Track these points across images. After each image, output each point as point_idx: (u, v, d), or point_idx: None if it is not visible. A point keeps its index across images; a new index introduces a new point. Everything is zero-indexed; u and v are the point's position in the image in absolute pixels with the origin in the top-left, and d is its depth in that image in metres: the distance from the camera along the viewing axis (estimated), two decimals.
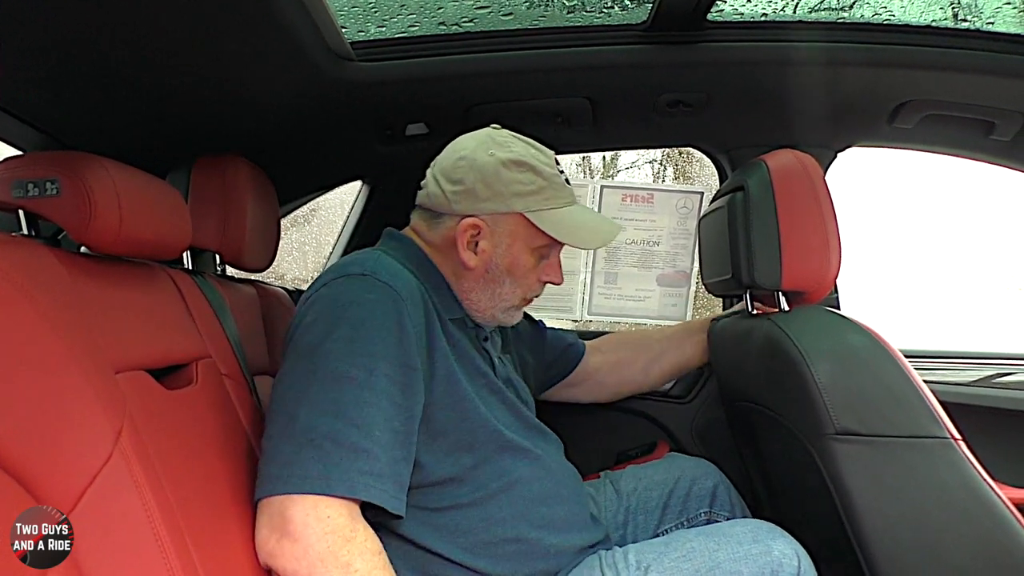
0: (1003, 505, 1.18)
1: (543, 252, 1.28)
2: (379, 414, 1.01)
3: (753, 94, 1.75)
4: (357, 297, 1.07)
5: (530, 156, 1.24)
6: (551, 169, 1.25)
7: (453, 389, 1.15)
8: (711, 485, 1.51)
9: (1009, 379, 1.99)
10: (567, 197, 1.27)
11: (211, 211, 1.40)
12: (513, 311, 1.31)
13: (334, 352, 1.03)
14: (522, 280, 1.28)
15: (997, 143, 1.84)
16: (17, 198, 0.91)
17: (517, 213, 1.23)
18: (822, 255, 1.35)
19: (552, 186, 1.24)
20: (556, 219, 1.24)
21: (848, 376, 1.21)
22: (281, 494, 0.97)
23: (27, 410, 0.74)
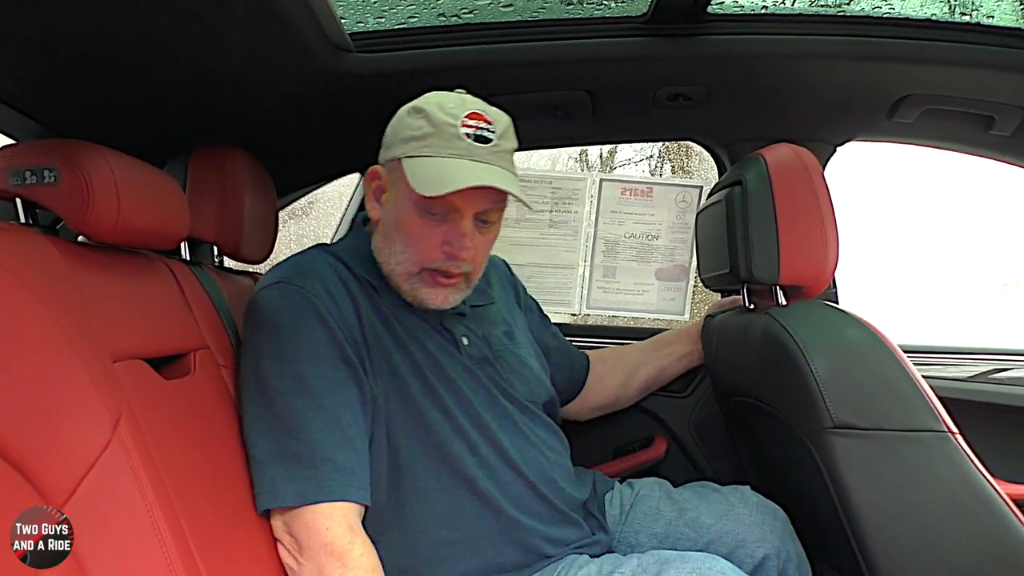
0: (1000, 499, 1.18)
1: (431, 208, 1.15)
2: (318, 417, 1.06)
3: (753, 88, 1.74)
4: (272, 308, 1.12)
5: (435, 103, 1.16)
6: (447, 119, 1.13)
7: (394, 380, 1.15)
8: (760, 556, 1.30)
9: (1006, 375, 1.99)
10: (453, 148, 1.13)
11: (209, 202, 1.39)
12: (418, 284, 1.19)
13: (264, 370, 1.09)
14: (411, 240, 1.17)
15: (997, 138, 1.84)
16: (14, 186, 0.90)
17: (399, 159, 1.16)
18: (820, 249, 1.35)
19: (439, 134, 1.13)
20: (423, 167, 1.12)
21: (846, 370, 1.21)
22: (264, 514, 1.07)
23: (25, 397, 0.74)
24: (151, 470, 0.82)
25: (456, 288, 1.21)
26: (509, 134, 1.20)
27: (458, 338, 1.25)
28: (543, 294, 2.16)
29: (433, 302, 1.20)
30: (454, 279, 1.19)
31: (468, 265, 1.19)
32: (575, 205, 2.16)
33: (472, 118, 1.14)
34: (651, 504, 1.37)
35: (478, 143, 1.13)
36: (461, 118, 1.14)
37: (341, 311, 1.13)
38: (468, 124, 1.13)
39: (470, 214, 1.16)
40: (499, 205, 1.20)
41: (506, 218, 2.13)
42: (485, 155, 1.14)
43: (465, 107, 1.15)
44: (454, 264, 1.17)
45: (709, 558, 1.07)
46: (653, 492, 1.40)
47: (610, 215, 2.16)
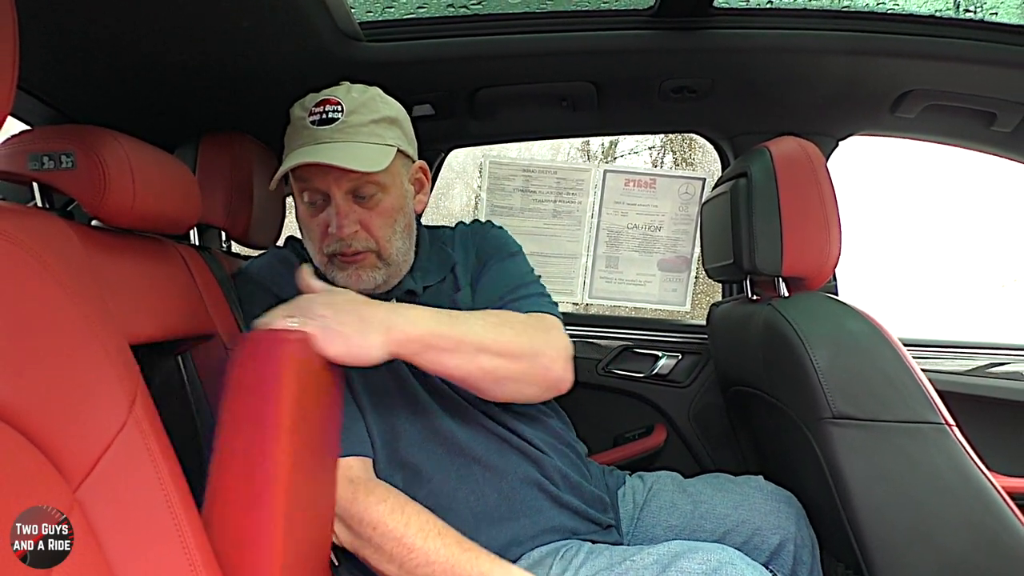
0: (994, 491, 1.20)
1: (305, 198, 1.19)
2: None
3: (757, 81, 1.75)
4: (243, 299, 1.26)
5: (298, 105, 1.20)
6: (299, 113, 1.18)
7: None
8: (776, 542, 1.31)
9: (1003, 369, 2.01)
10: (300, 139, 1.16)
11: (218, 187, 1.41)
12: (333, 270, 1.21)
13: None
14: (308, 231, 1.22)
15: (998, 134, 1.85)
16: (32, 170, 0.92)
17: None
18: (823, 242, 1.37)
19: (294, 130, 1.18)
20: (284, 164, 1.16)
21: (846, 361, 1.23)
22: None
23: (45, 376, 0.75)
24: (165, 449, 0.84)
25: (368, 266, 1.21)
26: (368, 107, 1.18)
27: None
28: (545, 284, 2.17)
29: (350, 284, 1.20)
30: (359, 256, 1.20)
31: (363, 243, 1.19)
32: (579, 196, 2.18)
33: (319, 105, 1.16)
34: (665, 498, 1.37)
35: (321, 126, 1.15)
36: (310, 108, 1.16)
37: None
38: (314, 111, 1.16)
39: (338, 194, 1.16)
40: (371, 180, 1.17)
41: (510, 207, 2.18)
42: (328, 135, 1.15)
43: (320, 97, 1.17)
44: (344, 244, 1.18)
45: (720, 548, 1.07)
46: (666, 486, 1.40)
47: (613, 206, 2.17)
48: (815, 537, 1.34)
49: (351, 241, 1.18)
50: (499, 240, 1.39)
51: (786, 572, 1.30)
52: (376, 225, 1.19)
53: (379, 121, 1.18)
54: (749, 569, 1.04)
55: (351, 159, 1.13)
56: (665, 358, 2.09)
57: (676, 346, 2.10)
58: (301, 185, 1.17)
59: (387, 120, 1.20)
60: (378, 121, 1.18)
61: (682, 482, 1.42)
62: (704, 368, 2.06)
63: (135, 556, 0.77)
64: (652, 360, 2.10)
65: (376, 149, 1.17)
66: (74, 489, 0.75)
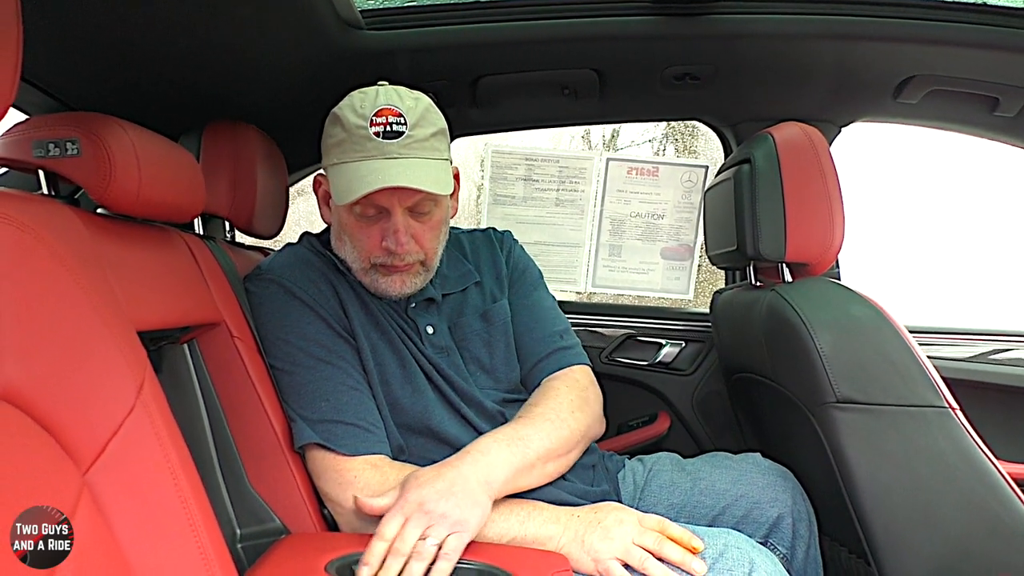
0: (997, 473, 1.20)
1: (361, 211, 1.18)
2: (322, 386, 1.16)
3: (760, 67, 1.75)
4: (258, 298, 1.24)
5: (345, 108, 1.17)
6: (357, 123, 1.14)
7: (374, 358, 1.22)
8: (774, 515, 1.31)
9: (1006, 356, 2.01)
10: (364, 151, 1.14)
11: (222, 177, 1.41)
12: (375, 275, 1.23)
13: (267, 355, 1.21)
14: (355, 241, 1.21)
15: (1001, 119, 1.85)
16: (38, 158, 0.92)
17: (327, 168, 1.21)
18: (826, 228, 1.37)
19: (350, 138, 1.15)
20: (341, 174, 1.16)
21: (850, 346, 1.23)
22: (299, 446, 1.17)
23: (54, 361, 0.76)
24: (173, 433, 0.84)
25: (413, 273, 1.24)
26: (427, 119, 1.18)
27: (422, 328, 1.28)
28: (549, 272, 2.17)
29: (391, 290, 1.23)
30: (406, 266, 1.22)
31: (413, 255, 1.21)
32: (582, 184, 2.18)
33: (380, 115, 1.14)
34: (665, 477, 1.38)
35: (388, 139, 1.13)
36: (370, 117, 1.14)
37: (322, 296, 1.22)
38: (376, 122, 1.14)
39: (399, 210, 1.17)
40: (429, 196, 1.18)
41: (513, 196, 2.18)
42: (396, 150, 1.14)
43: (376, 103, 1.15)
44: (397, 258, 1.20)
45: (726, 532, 1.09)
46: (665, 466, 1.41)
47: (616, 194, 2.18)
48: (812, 512, 1.35)
49: (403, 255, 1.20)
50: (525, 263, 1.45)
51: (785, 545, 1.30)
52: (427, 238, 1.22)
53: (436, 134, 1.19)
54: (755, 551, 1.05)
55: (427, 180, 1.14)
56: (668, 346, 2.09)
57: (679, 334, 2.10)
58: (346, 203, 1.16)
59: (441, 132, 1.21)
60: (436, 134, 1.19)
61: (680, 461, 1.43)
62: (707, 356, 2.07)
63: (145, 537, 0.78)
64: (655, 348, 2.10)
65: (439, 166, 1.19)
66: (84, 472, 0.76)
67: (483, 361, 1.32)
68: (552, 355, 1.34)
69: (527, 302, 1.39)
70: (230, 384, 1.19)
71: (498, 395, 1.30)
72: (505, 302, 1.37)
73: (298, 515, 1.17)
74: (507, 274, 1.41)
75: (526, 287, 1.41)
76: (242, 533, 1.17)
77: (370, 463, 1.13)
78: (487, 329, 1.34)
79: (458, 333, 1.32)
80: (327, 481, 1.14)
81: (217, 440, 1.18)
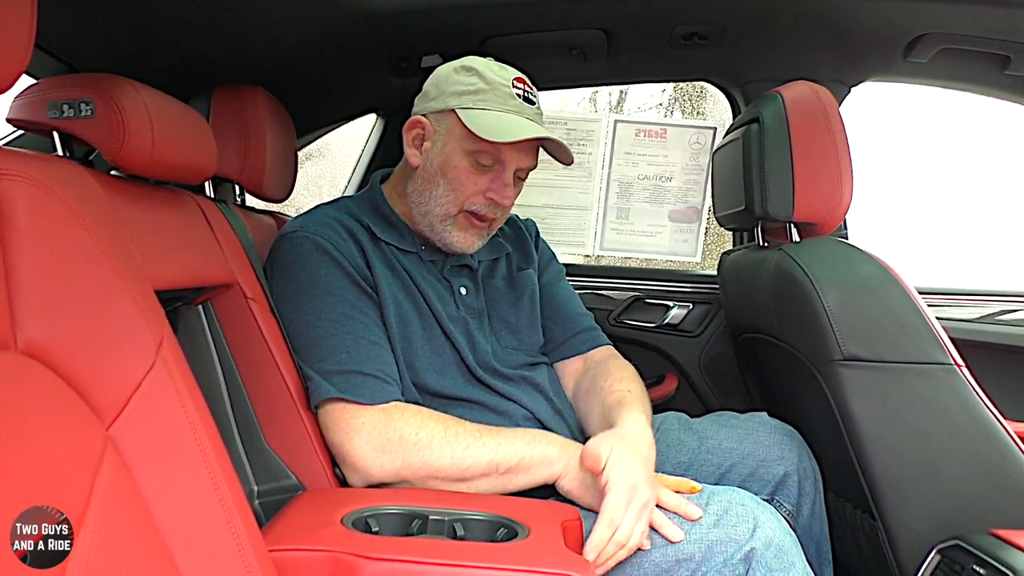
0: (1002, 430, 1.22)
1: (479, 158, 1.24)
2: (343, 339, 1.18)
3: (768, 26, 1.74)
4: (290, 255, 1.25)
5: (483, 65, 1.26)
6: (500, 79, 1.24)
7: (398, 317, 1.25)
8: (780, 473, 1.33)
9: (1014, 316, 2.02)
10: (508, 105, 1.23)
11: (231, 140, 1.41)
12: (451, 226, 1.28)
13: (289, 309, 1.23)
14: (457, 185, 1.25)
15: (1011, 78, 1.84)
16: (53, 119, 0.93)
17: (451, 110, 1.24)
18: (834, 187, 1.37)
19: (493, 91, 1.23)
20: (482, 118, 1.21)
21: (857, 304, 1.25)
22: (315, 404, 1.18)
23: (75, 318, 0.77)
24: (192, 389, 0.86)
25: (483, 233, 1.31)
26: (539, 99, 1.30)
27: (456, 288, 1.33)
28: (557, 235, 2.18)
29: (461, 245, 1.29)
30: (485, 223, 1.29)
31: (501, 212, 1.30)
32: (589, 146, 2.17)
33: (519, 81, 1.26)
34: (672, 436, 1.40)
35: (526, 103, 1.25)
36: (511, 79, 1.25)
37: (350, 251, 1.24)
38: (517, 86, 1.25)
39: (513, 167, 1.26)
40: (534, 163, 1.29)
41: None
42: (532, 115, 1.25)
43: (508, 70, 1.27)
44: (491, 210, 1.27)
45: (731, 490, 1.11)
46: (672, 425, 1.44)
47: (624, 156, 2.17)
48: (818, 469, 1.37)
49: (496, 209, 1.28)
50: (550, 253, 1.56)
51: (791, 503, 1.33)
52: (513, 200, 1.30)
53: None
54: (759, 508, 1.07)
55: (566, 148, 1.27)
56: (676, 308, 2.11)
57: (687, 296, 2.12)
58: (482, 145, 1.22)
59: None
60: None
61: (687, 421, 1.46)
62: (714, 317, 2.08)
63: (168, 491, 0.80)
64: (663, 310, 2.12)
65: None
66: (107, 427, 0.77)
67: (510, 322, 1.39)
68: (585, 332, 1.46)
69: (555, 288, 1.50)
70: (244, 345, 1.21)
71: (521, 357, 1.36)
72: (532, 273, 1.46)
73: (313, 472, 1.19)
74: (536, 258, 1.50)
75: (554, 275, 1.52)
76: (259, 490, 1.19)
77: (381, 410, 1.14)
78: (513, 293, 1.41)
79: (488, 295, 1.38)
80: (336, 431, 1.15)
81: (233, 399, 1.20)
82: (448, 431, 1.13)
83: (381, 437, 1.11)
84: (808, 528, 1.34)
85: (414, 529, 1.00)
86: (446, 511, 1.02)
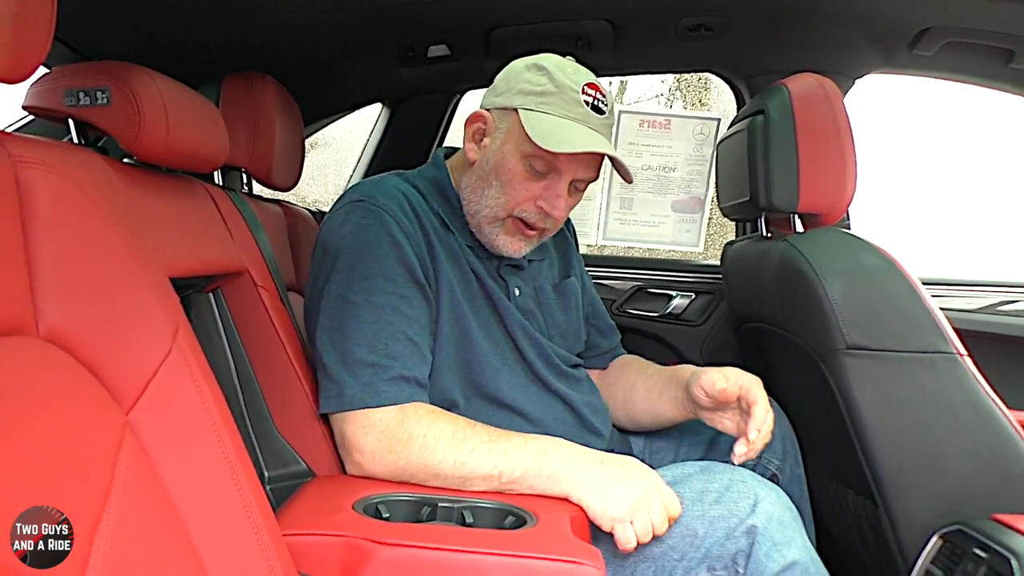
0: (1004, 418, 1.23)
1: (534, 163, 1.18)
2: (384, 329, 1.11)
3: (774, 17, 1.74)
4: (354, 224, 1.16)
5: (556, 65, 1.19)
6: (570, 83, 1.17)
7: (454, 311, 1.20)
8: None
9: (1016, 307, 2.03)
10: (573, 112, 1.16)
11: (240, 128, 1.42)
12: (499, 229, 1.23)
13: (335, 283, 1.14)
14: (508, 188, 1.20)
15: (1015, 72, 1.84)
16: (68, 106, 0.94)
17: (514, 109, 1.19)
18: (839, 179, 1.38)
19: (560, 94, 1.16)
20: (542, 123, 1.16)
21: (860, 294, 1.26)
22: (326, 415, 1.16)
23: (94, 305, 0.78)
24: (207, 375, 0.87)
25: (532, 241, 1.26)
26: (613, 109, 1.24)
27: (511, 288, 1.30)
28: None
29: (507, 249, 1.24)
30: (535, 231, 1.24)
31: (552, 223, 1.23)
32: None
33: (591, 87, 1.18)
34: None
35: (594, 112, 1.18)
36: (581, 85, 1.17)
37: (415, 235, 1.18)
38: (587, 92, 1.17)
39: (569, 178, 1.20)
40: (594, 176, 1.24)
41: None
42: (598, 125, 1.18)
43: (581, 74, 1.20)
44: (541, 219, 1.22)
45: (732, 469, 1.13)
46: None
47: (628, 147, 2.18)
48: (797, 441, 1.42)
49: (547, 219, 1.22)
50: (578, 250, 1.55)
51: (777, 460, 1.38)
52: (567, 212, 1.25)
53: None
54: (759, 486, 1.09)
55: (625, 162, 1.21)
56: (679, 298, 2.12)
57: (689, 286, 2.13)
58: (538, 151, 1.16)
59: None
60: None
61: None
62: (717, 307, 2.09)
63: (186, 475, 0.81)
64: (666, 300, 2.13)
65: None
66: (126, 412, 0.79)
67: (561, 326, 1.37)
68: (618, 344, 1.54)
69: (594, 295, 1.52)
70: (254, 332, 1.22)
71: (570, 359, 1.36)
72: (575, 281, 1.44)
73: (322, 459, 1.20)
74: (577, 259, 1.49)
75: (588, 280, 1.52)
76: (269, 475, 1.21)
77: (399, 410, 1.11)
78: (561, 299, 1.39)
79: (540, 298, 1.36)
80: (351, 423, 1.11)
81: (243, 386, 1.22)
82: (456, 434, 1.09)
83: (392, 438, 1.08)
84: (789, 487, 1.36)
85: (423, 516, 1.01)
86: (455, 499, 1.03)
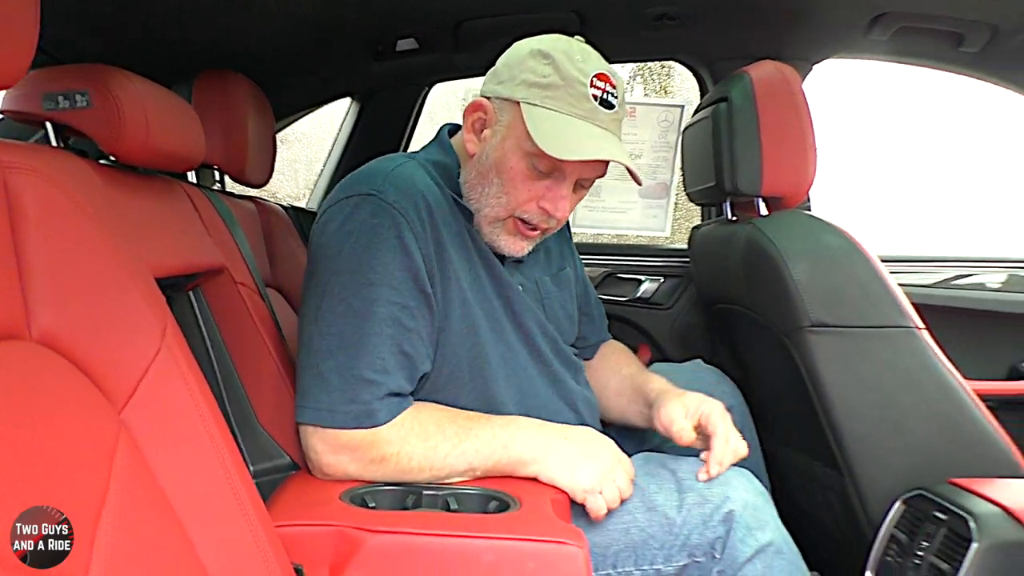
0: (961, 389, 1.30)
1: (537, 163, 1.09)
2: (383, 342, 1.04)
3: (736, 6, 1.78)
4: (361, 223, 1.07)
5: (562, 52, 1.08)
6: (577, 74, 1.06)
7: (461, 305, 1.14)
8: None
9: (970, 280, 2.11)
10: (580, 108, 1.07)
11: (214, 126, 1.42)
12: (500, 229, 1.16)
13: (338, 285, 1.06)
14: (510, 188, 1.11)
15: (966, 55, 1.90)
16: (48, 110, 0.94)
17: (516, 102, 1.09)
18: (800, 162, 1.43)
19: (567, 87, 1.06)
20: (549, 121, 1.06)
21: (823, 273, 1.31)
22: (302, 423, 1.07)
23: (84, 307, 0.79)
24: (195, 372, 0.89)
25: (534, 240, 1.19)
26: (624, 98, 1.14)
27: (515, 284, 1.24)
28: None
29: (509, 249, 1.18)
30: (536, 231, 1.17)
31: (555, 223, 1.16)
32: None
33: (600, 79, 1.08)
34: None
35: (603, 108, 1.08)
36: (590, 76, 1.07)
37: (424, 239, 1.09)
38: (596, 85, 1.07)
39: (574, 179, 1.13)
40: (601, 174, 1.16)
41: None
42: (607, 121, 1.09)
43: (591, 62, 1.09)
44: (543, 219, 1.14)
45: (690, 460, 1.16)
46: None
47: None
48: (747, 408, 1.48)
49: (550, 220, 1.15)
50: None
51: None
52: (569, 211, 1.17)
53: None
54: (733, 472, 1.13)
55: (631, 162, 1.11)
56: (648, 282, 2.16)
57: (658, 270, 2.17)
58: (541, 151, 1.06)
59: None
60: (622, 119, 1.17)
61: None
62: (685, 290, 2.14)
63: (179, 471, 0.83)
64: (635, 284, 2.17)
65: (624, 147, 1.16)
66: (119, 411, 0.80)
67: (560, 319, 1.33)
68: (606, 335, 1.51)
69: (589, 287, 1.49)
70: (235, 328, 1.23)
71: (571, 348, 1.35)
72: (571, 271, 1.41)
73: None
74: (570, 248, 1.45)
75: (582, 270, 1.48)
76: (255, 470, 1.22)
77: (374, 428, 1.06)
78: (559, 292, 1.36)
79: (541, 291, 1.32)
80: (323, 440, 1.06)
81: (225, 382, 1.23)
82: (428, 441, 1.05)
83: (365, 457, 1.05)
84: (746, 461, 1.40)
85: (409, 504, 1.03)
86: (438, 487, 1.05)
